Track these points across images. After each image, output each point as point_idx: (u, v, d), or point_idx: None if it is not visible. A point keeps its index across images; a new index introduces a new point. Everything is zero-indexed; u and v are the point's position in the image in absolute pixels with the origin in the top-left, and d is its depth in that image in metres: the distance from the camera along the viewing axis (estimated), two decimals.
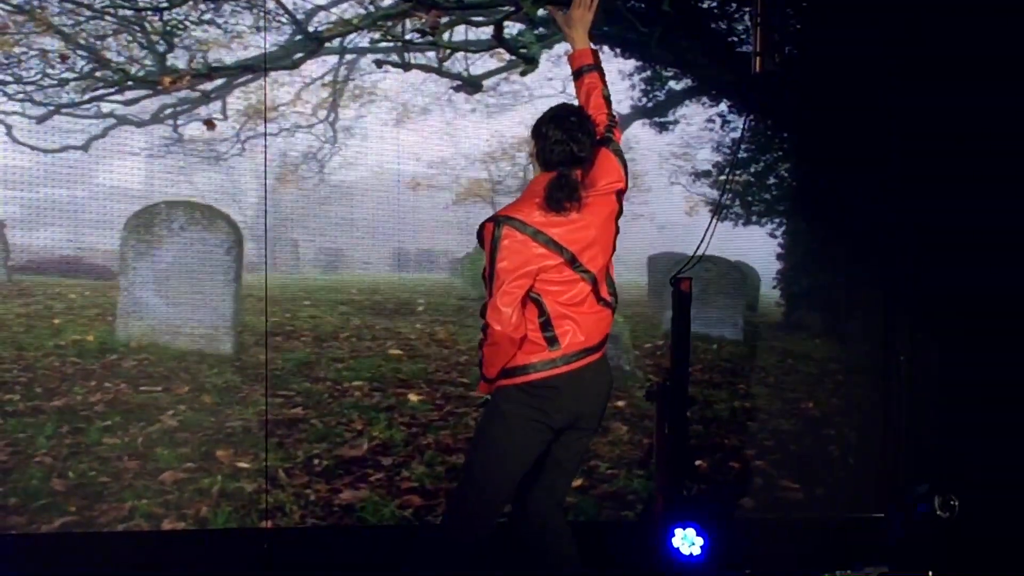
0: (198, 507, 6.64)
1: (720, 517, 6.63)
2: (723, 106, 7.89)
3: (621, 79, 7.66)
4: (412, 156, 7.52)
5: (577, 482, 7.04)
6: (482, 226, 4.71)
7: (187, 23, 7.15)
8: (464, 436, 6.99)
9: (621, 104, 7.54)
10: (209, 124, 7.16)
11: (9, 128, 6.80)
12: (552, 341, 4.64)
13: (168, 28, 7.04)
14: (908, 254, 7.47)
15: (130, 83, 7.02)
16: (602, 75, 5.14)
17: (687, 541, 6.22)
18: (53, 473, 6.54)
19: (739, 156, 7.57)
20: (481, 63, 7.60)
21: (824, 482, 7.56)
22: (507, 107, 7.55)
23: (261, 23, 7.17)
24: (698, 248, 6.30)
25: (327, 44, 7.42)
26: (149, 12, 7.02)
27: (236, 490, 6.70)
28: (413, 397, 7.24)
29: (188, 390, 6.94)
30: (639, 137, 7.73)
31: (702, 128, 7.90)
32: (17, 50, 6.88)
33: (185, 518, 6.61)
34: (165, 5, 7.05)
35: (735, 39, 7.80)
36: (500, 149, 7.59)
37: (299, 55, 7.39)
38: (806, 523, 7.36)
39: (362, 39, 7.48)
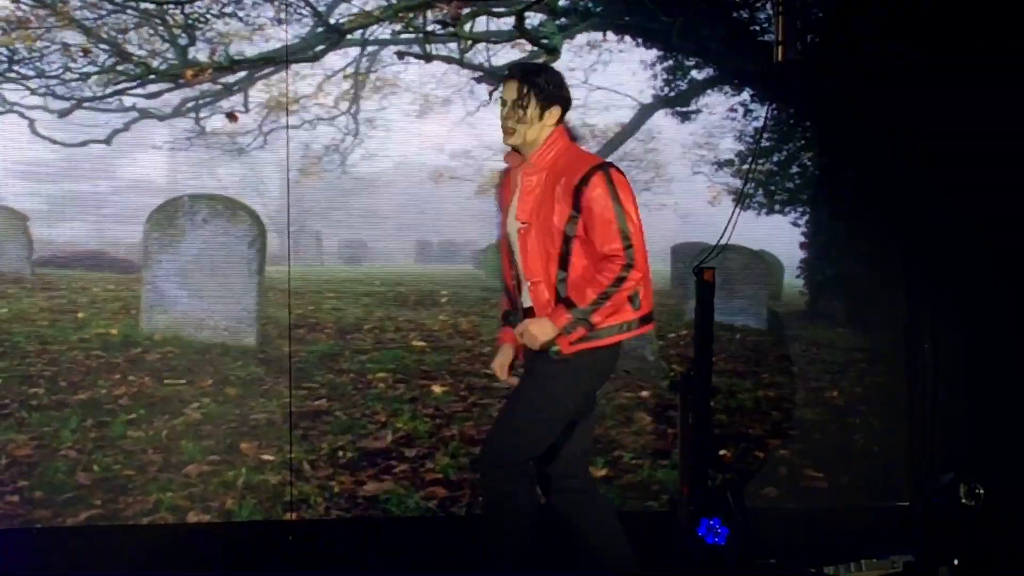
0: (223, 500, 6.68)
1: (744, 507, 6.69)
2: (745, 95, 7.90)
3: (643, 69, 7.70)
4: (434, 147, 7.57)
5: (601, 472, 7.14)
6: (591, 173, 4.69)
7: (208, 16, 7.17)
8: (488, 427, 7.03)
9: (643, 94, 7.64)
10: (231, 117, 7.19)
11: (31, 122, 6.85)
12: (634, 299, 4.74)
13: (189, 21, 7.06)
14: (932, 242, 7.49)
15: (152, 76, 7.07)
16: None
17: (712, 531, 6.28)
18: (78, 467, 6.58)
19: (761, 145, 7.59)
20: (503, 53, 7.62)
21: (848, 471, 7.59)
22: None
23: (282, 15, 7.22)
24: (721, 237, 6.42)
25: (348, 36, 7.44)
26: (170, 5, 7.07)
27: (261, 482, 6.74)
28: (437, 388, 7.25)
29: (212, 383, 6.97)
30: (661, 127, 7.76)
31: (724, 117, 7.91)
32: (39, 44, 6.93)
33: (210, 511, 6.65)
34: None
35: (757, 28, 7.83)
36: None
37: (320, 47, 7.41)
38: (831, 512, 7.41)
39: (383, 31, 7.51)
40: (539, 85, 4.85)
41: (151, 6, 7.05)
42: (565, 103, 4.91)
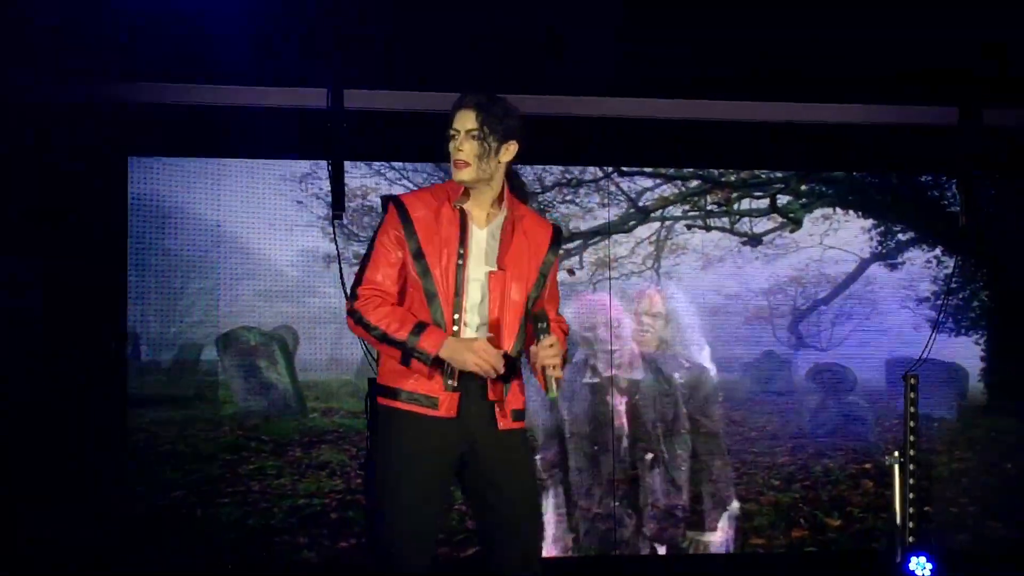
0: None
1: (944, 547, 7.69)
2: (938, 250, 8.89)
3: (863, 232, 8.89)
4: (713, 290, 8.69)
5: (837, 522, 8.21)
6: (558, 239, 4.22)
7: (554, 203, 8.44)
8: None
9: (863, 251, 8.87)
10: (570, 272, 8.35)
11: None
12: None
13: (540, 207, 8.29)
14: None
15: None
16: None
17: (920, 566, 6.90)
18: None
19: (951, 286, 8.55)
20: (761, 224, 8.74)
21: (1022, 521, 8.56)
22: (780, 255, 8.78)
23: (606, 201, 8.51)
24: (922, 353, 7.59)
25: (652, 214, 8.64)
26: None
27: None
28: None
29: None
30: (877, 275, 8.92)
31: (923, 266, 8.90)
32: None
33: None
34: (537, 190, 8.32)
35: (945, 202, 9.00)
36: (776, 285, 8.82)
37: (633, 223, 8.60)
38: (1008, 552, 8.36)
39: (676, 210, 8.66)
40: (496, 116, 3.87)
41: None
42: (520, 140, 3.95)
